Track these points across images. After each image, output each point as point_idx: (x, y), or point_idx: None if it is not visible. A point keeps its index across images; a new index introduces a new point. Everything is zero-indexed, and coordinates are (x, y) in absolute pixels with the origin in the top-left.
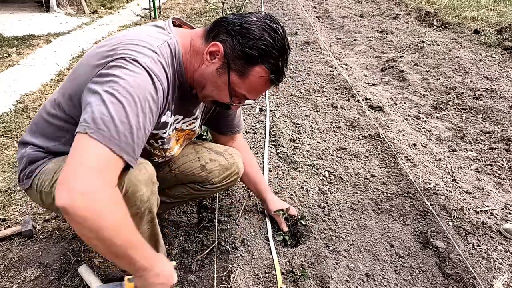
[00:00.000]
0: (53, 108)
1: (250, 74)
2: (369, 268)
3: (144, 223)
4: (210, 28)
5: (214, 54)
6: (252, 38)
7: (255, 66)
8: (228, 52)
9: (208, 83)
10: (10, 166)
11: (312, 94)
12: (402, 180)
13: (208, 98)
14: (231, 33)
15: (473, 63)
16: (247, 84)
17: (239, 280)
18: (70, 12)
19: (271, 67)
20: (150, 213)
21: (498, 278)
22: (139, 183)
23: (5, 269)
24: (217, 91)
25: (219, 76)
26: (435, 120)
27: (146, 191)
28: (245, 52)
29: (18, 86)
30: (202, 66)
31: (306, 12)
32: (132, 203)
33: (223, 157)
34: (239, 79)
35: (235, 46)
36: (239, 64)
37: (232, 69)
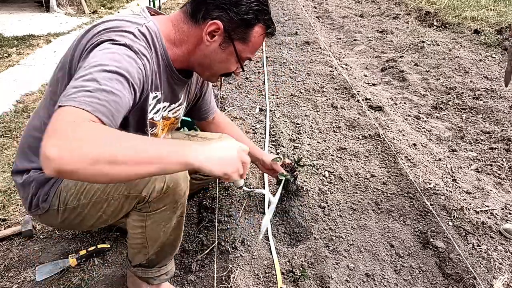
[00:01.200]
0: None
1: (251, 36)
2: (369, 268)
3: (175, 217)
4: (193, 9)
5: (213, 33)
6: (244, 3)
7: (254, 27)
8: (227, 25)
9: (213, 60)
10: (10, 166)
11: (312, 94)
12: (402, 180)
13: (215, 75)
14: (223, 6)
15: (473, 63)
16: (251, 46)
17: (239, 280)
18: (70, 12)
19: (266, 22)
20: (182, 207)
21: (498, 278)
22: (178, 178)
23: (5, 269)
24: (224, 65)
25: (223, 50)
26: (435, 120)
27: (184, 186)
28: (243, 19)
29: (18, 86)
30: (200, 47)
31: (306, 12)
32: (172, 197)
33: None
34: (243, 45)
35: (232, 17)
36: (240, 31)
37: (235, 39)
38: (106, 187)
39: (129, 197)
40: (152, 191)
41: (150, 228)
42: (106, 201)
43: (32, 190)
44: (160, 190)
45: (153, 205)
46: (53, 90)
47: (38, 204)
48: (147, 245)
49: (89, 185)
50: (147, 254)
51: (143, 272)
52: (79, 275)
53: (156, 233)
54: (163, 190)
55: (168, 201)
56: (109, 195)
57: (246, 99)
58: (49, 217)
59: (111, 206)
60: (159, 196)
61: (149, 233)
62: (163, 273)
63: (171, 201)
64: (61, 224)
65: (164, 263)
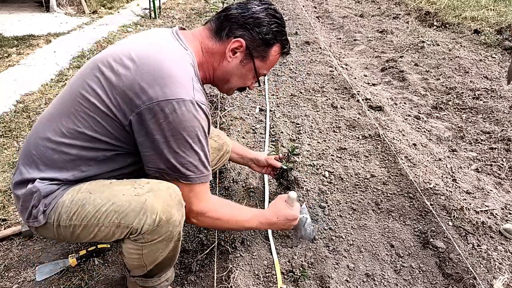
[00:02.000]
0: (65, 137)
1: (270, 54)
2: (369, 268)
3: (172, 244)
4: (218, 27)
5: (235, 50)
6: (265, 25)
7: (273, 46)
8: (249, 44)
9: (233, 76)
10: (10, 166)
11: (312, 94)
12: (402, 180)
13: (232, 89)
14: (246, 26)
15: (473, 63)
16: (268, 64)
17: (239, 280)
18: (70, 12)
19: (283, 42)
20: (178, 234)
21: (498, 278)
22: (171, 208)
23: (5, 269)
24: (243, 80)
25: (243, 66)
26: (435, 120)
27: (178, 215)
28: (264, 39)
29: (18, 86)
30: (223, 63)
31: (306, 12)
32: (166, 229)
33: (212, 140)
34: (262, 62)
35: (254, 37)
36: (261, 50)
37: (255, 57)
38: (96, 212)
39: (120, 226)
40: (144, 223)
41: (146, 255)
42: (97, 226)
43: (34, 201)
44: (153, 223)
45: (147, 237)
46: (84, 105)
47: (36, 216)
48: (145, 265)
49: (81, 208)
50: (145, 270)
51: (143, 282)
52: (79, 275)
53: (153, 258)
54: (155, 223)
55: (163, 232)
56: (100, 221)
57: (246, 99)
58: (44, 230)
59: (102, 231)
60: (152, 229)
61: (146, 259)
62: (163, 280)
63: (165, 232)
64: (57, 238)
65: (164, 272)
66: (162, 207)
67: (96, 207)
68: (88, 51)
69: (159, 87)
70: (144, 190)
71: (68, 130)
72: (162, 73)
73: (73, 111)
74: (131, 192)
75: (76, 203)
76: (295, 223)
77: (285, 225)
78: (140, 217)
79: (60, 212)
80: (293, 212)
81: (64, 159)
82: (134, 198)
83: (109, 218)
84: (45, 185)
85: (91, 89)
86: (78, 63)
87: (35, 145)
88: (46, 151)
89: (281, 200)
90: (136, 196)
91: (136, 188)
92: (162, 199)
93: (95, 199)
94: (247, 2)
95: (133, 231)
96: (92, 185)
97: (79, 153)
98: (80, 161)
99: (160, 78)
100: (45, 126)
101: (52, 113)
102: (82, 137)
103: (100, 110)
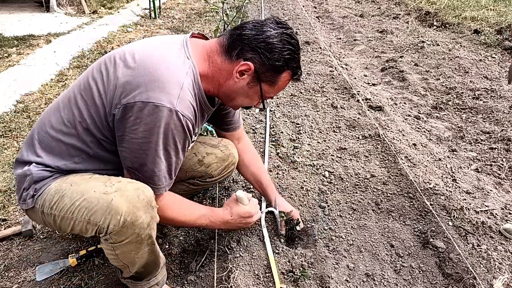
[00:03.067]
0: (65, 125)
1: (278, 80)
2: (369, 268)
3: (144, 246)
4: (230, 45)
5: (243, 72)
6: (277, 51)
7: (282, 73)
8: (258, 68)
9: (239, 95)
10: (10, 166)
11: (312, 94)
12: (402, 180)
13: (237, 106)
14: (257, 50)
15: (473, 63)
16: (276, 89)
17: (239, 280)
18: (70, 12)
19: (294, 69)
20: (149, 237)
21: (498, 278)
22: (137, 210)
23: (5, 269)
24: (249, 100)
25: (250, 88)
26: (435, 120)
27: (145, 217)
28: (274, 65)
29: (18, 86)
30: (229, 82)
31: (306, 12)
32: (132, 231)
33: (218, 149)
34: (269, 87)
35: (264, 62)
36: (269, 75)
37: (263, 81)
38: (71, 206)
39: (90, 222)
40: (109, 223)
41: (121, 256)
42: (72, 220)
43: (25, 183)
44: (117, 223)
45: (114, 237)
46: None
47: (25, 199)
48: (127, 266)
49: (60, 199)
50: (131, 272)
51: (133, 284)
52: (79, 275)
53: (129, 259)
54: (120, 223)
55: (129, 234)
56: (74, 215)
57: None
58: (33, 214)
59: (77, 225)
60: (117, 230)
61: (123, 259)
62: (153, 284)
63: (131, 234)
64: (43, 224)
65: (153, 275)
66: (128, 208)
67: (72, 201)
68: (88, 51)
69: (145, 89)
70: (113, 189)
71: (68, 120)
72: (153, 77)
73: (74, 102)
74: (101, 189)
75: (58, 193)
76: (252, 220)
77: (241, 222)
78: (106, 216)
79: (45, 200)
80: (246, 209)
81: (60, 148)
82: (102, 196)
83: (81, 213)
84: (38, 170)
85: (93, 81)
86: (78, 63)
87: (39, 130)
88: (46, 137)
89: (232, 199)
90: (104, 195)
91: (106, 186)
92: (129, 200)
93: (73, 192)
94: (263, 23)
95: (101, 230)
96: (76, 178)
97: (73, 144)
98: (74, 151)
99: (150, 81)
100: (50, 114)
101: (58, 102)
102: (77, 128)
103: (94, 103)
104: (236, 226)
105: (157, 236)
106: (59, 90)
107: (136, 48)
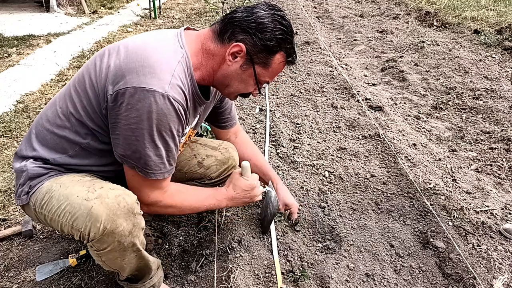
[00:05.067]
0: (59, 118)
1: (272, 62)
2: (369, 268)
3: (129, 253)
4: (221, 29)
5: (235, 54)
6: (269, 31)
7: (275, 54)
8: (250, 49)
9: (233, 80)
10: (10, 166)
11: (312, 94)
12: (402, 180)
13: (233, 94)
14: (249, 31)
15: (473, 63)
16: (270, 72)
17: (239, 280)
18: (70, 12)
19: (288, 51)
20: (134, 245)
21: (498, 278)
22: (117, 218)
23: (5, 269)
24: (244, 85)
25: (243, 71)
26: (435, 120)
27: (126, 225)
28: (266, 45)
29: (18, 86)
30: (223, 67)
31: (306, 12)
32: (112, 239)
33: (219, 152)
34: (263, 70)
35: (256, 42)
36: (262, 56)
37: (256, 63)
38: (58, 209)
39: (73, 228)
40: (90, 230)
41: (108, 262)
42: (59, 222)
43: (21, 179)
44: (97, 231)
45: (97, 245)
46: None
47: (20, 195)
48: (117, 271)
49: (49, 200)
50: (124, 276)
51: (129, 286)
52: (79, 275)
53: (117, 265)
54: (99, 231)
55: (110, 242)
56: (60, 218)
57: (246, 99)
58: (28, 210)
59: (64, 228)
60: (98, 238)
61: (110, 265)
62: (149, 286)
63: (113, 242)
64: (37, 221)
65: (148, 277)
66: (107, 216)
67: (58, 203)
68: (88, 51)
69: (136, 75)
70: (94, 195)
71: (62, 112)
72: (144, 63)
73: (69, 95)
74: (84, 195)
75: (48, 193)
76: (256, 193)
77: (246, 196)
78: (86, 223)
79: (37, 198)
80: (248, 182)
81: (54, 140)
82: (83, 203)
83: (65, 218)
84: (34, 166)
85: (87, 73)
86: (78, 63)
87: (36, 125)
88: (42, 131)
89: (235, 174)
90: (85, 201)
91: (89, 192)
92: (108, 207)
93: (60, 194)
94: (254, 6)
95: (83, 236)
96: (66, 179)
97: (66, 136)
98: (68, 144)
99: (141, 67)
100: (47, 109)
101: (56, 98)
102: (71, 120)
103: (87, 93)
104: (242, 202)
105: (157, 236)
106: (59, 90)
107: (130, 40)
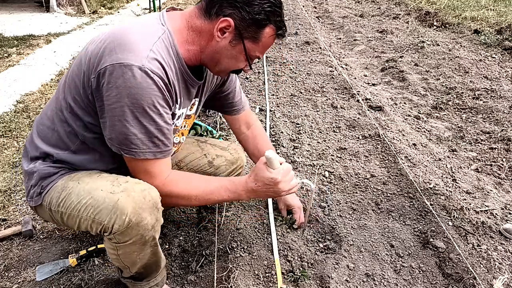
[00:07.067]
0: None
1: (262, 36)
2: (369, 268)
3: (147, 248)
4: (207, 4)
5: (224, 29)
6: (257, 4)
7: (265, 28)
8: (239, 24)
9: (223, 57)
10: (10, 166)
11: (312, 94)
12: (402, 180)
13: (224, 71)
14: (236, 4)
15: (473, 63)
16: (261, 46)
17: (239, 280)
18: (70, 12)
19: (277, 24)
20: (152, 239)
21: (498, 278)
22: (143, 211)
23: (5, 269)
24: (234, 61)
25: (233, 47)
26: (435, 120)
27: (150, 219)
28: (254, 19)
29: (18, 86)
30: (211, 43)
31: (306, 12)
32: (136, 231)
33: (228, 152)
34: (253, 44)
35: (244, 16)
36: (251, 30)
37: (245, 38)
38: (78, 204)
39: (94, 221)
40: (114, 223)
41: (123, 256)
42: (78, 217)
43: (33, 180)
44: (122, 224)
45: (118, 237)
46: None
47: (33, 196)
48: (127, 267)
49: (67, 196)
50: (131, 272)
51: (132, 284)
52: (79, 275)
53: (131, 260)
54: (125, 224)
55: (134, 235)
56: (80, 213)
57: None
58: (41, 211)
59: (82, 223)
60: (122, 230)
61: (124, 260)
62: (153, 284)
63: (136, 235)
64: (51, 221)
65: (153, 276)
66: (133, 209)
67: (78, 198)
68: None
69: (114, 53)
70: (120, 189)
71: (59, 107)
72: (122, 42)
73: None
74: (108, 188)
75: (65, 190)
76: (282, 187)
77: (269, 190)
78: (111, 216)
79: (52, 197)
80: (272, 175)
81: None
82: (108, 196)
83: (86, 212)
84: (44, 166)
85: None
86: None
87: (37, 123)
88: (44, 129)
89: (259, 163)
90: (111, 194)
91: (114, 186)
92: (134, 201)
93: (80, 190)
94: None
95: (105, 229)
96: (83, 175)
97: (65, 130)
98: (67, 138)
99: (119, 45)
100: (47, 108)
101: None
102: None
103: (74, 83)
104: (265, 195)
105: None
106: None
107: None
